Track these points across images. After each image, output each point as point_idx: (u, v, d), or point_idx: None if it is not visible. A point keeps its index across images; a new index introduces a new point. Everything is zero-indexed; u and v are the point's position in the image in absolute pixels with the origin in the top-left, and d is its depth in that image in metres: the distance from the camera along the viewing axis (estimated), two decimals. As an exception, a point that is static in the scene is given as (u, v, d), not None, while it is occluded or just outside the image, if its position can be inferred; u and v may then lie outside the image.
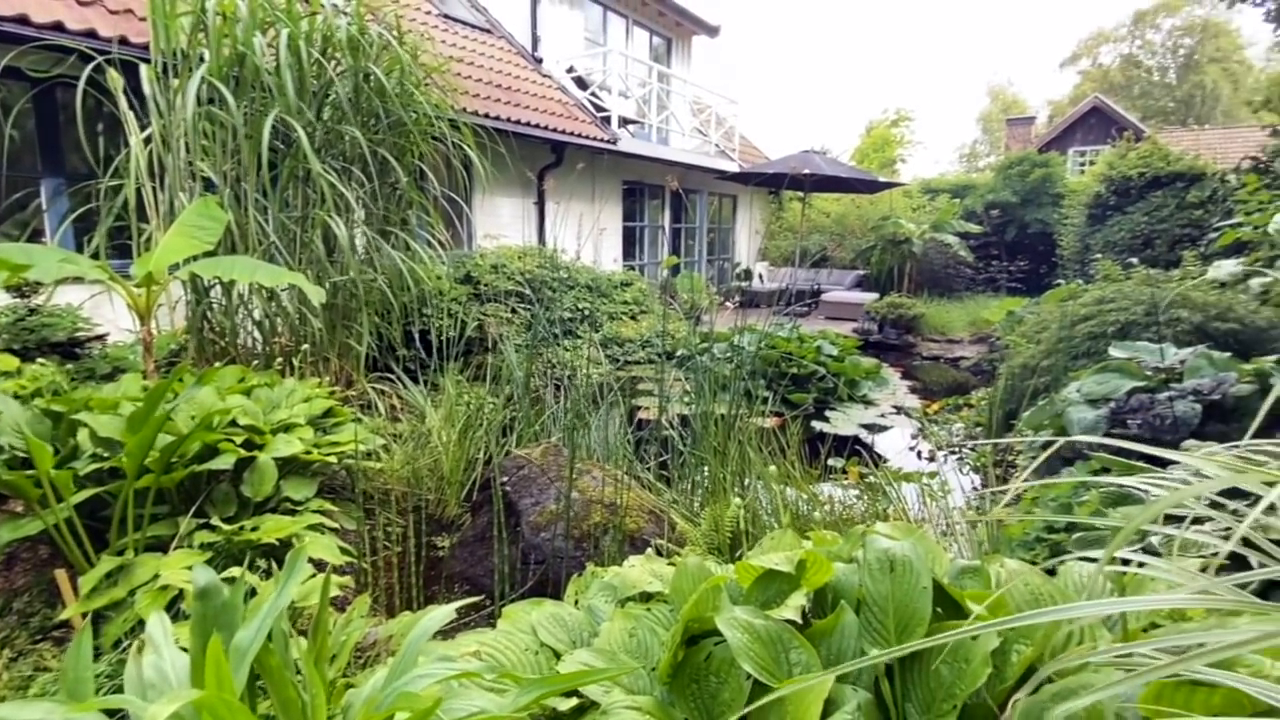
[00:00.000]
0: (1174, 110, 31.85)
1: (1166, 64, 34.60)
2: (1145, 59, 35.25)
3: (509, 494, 3.06)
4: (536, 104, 9.60)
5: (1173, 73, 34.13)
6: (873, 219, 13.33)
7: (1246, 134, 15.69)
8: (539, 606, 1.37)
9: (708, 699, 0.99)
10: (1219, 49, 32.46)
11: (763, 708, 0.91)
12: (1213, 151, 13.55)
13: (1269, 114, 8.17)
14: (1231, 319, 3.49)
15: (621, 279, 9.64)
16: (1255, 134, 11.68)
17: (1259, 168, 7.54)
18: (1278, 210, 3.79)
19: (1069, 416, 2.89)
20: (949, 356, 8.35)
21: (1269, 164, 6.82)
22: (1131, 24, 35.48)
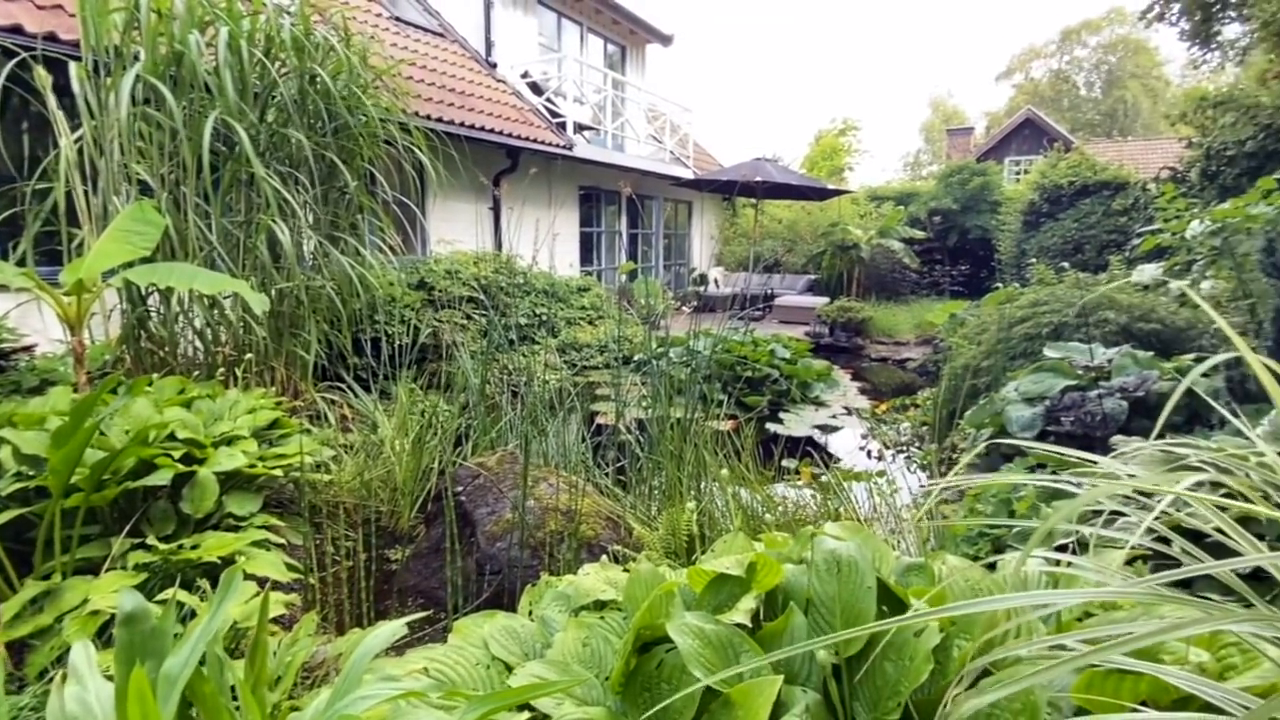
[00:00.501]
0: (1099, 123, 33.50)
1: (1092, 79, 36.40)
2: (1073, 74, 37.02)
3: (464, 504, 3.00)
4: (491, 109, 9.50)
5: (1098, 87, 35.92)
6: (822, 225, 13.61)
7: (1165, 145, 16.60)
8: (491, 619, 1.34)
9: (663, 707, 0.98)
10: (1139, 65, 34.31)
11: (713, 712, 0.90)
12: (1135, 162, 14.28)
13: (1185, 127, 8.66)
14: (1154, 320, 3.68)
15: (579, 284, 9.60)
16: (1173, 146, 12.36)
17: (1176, 177, 7.98)
18: (1194, 217, 4.02)
19: (1008, 415, 2.99)
20: (896, 358, 8.58)
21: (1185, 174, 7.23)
22: (1060, 41, 37.22)
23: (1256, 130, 6.56)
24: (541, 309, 8.39)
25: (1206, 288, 4.15)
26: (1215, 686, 0.72)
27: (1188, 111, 8.53)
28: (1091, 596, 0.73)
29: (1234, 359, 2.41)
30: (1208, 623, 0.65)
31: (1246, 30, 10.19)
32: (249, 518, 2.60)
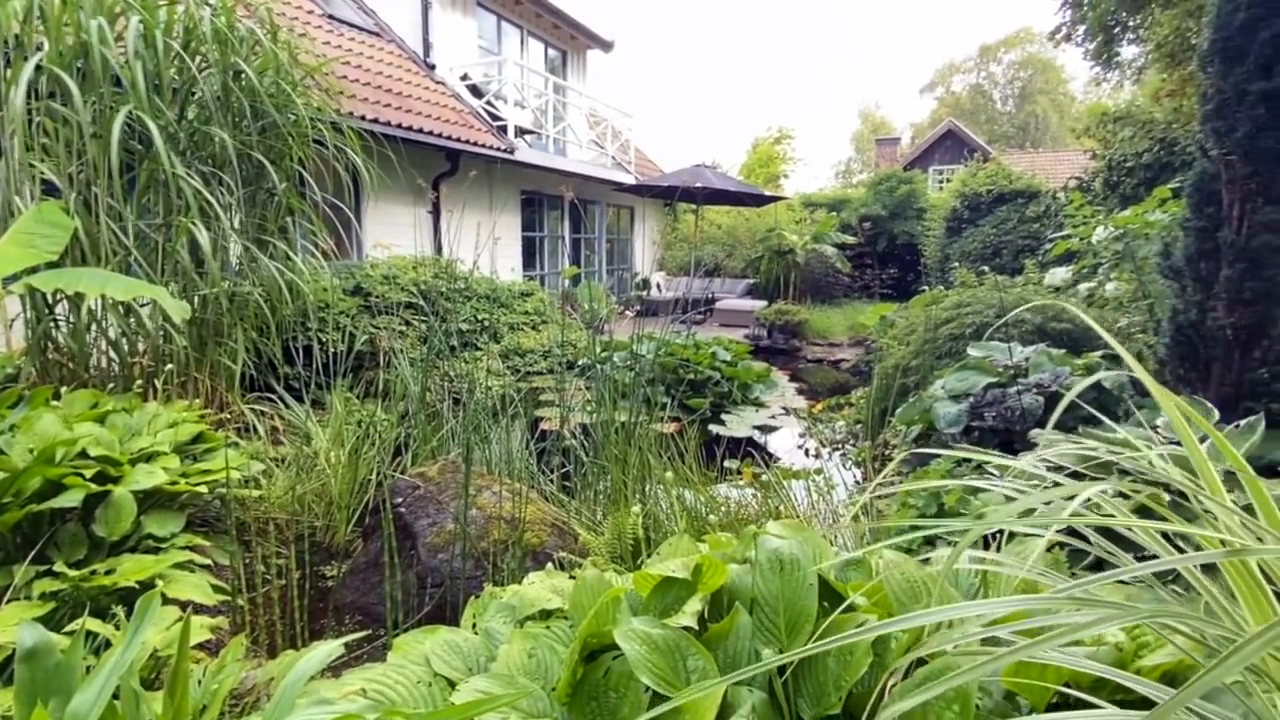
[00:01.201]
0: (1014, 135, 35.47)
1: (1007, 94, 38.52)
2: (990, 88, 39.08)
3: (403, 515, 2.91)
4: (429, 110, 9.29)
5: (1012, 102, 38.03)
6: (760, 231, 13.90)
7: (1072, 157, 17.69)
8: (432, 635, 1.30)
9: (607, 715, 0.97)
10: (1047, 82, 36.52)
11: (659, 718, 0.90)
12: (1045, 172, 15.16)
13: (1089, 140, 9.25)
14: (1065, 320, 3.90)
15: (522, 289, 9.47)
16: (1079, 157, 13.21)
17: (1082, 186, 8.51)
18: (1098, 224, 4.30)
19: (935, 412, 3.11)
20: (831, 359, 8.83)
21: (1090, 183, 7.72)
22: (978, 57, 39.23)
23: (1152, 143, 7.08)
24: (483, 314, 8.24)
25: (1111, 289, 4.44)
26: (1126, 676, 0.76)
27: (1091, 126, 9.13)
28: (1019, 605, 0.76)
29: (1135, 356, 2.58)
30: (1121, 618, 0.69)
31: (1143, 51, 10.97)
32: (171, 538, 2.45)
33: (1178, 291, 2.46)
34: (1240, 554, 0.74)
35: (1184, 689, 0.53)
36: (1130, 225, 3.51)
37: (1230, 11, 2.33)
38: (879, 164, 21.00)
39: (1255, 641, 0.55)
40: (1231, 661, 0.54)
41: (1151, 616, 0.73)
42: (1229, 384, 2.36)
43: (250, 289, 4.05)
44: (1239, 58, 2.31)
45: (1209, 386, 2.40)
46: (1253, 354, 2.34)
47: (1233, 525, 0.88)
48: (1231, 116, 2.31)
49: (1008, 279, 5.17)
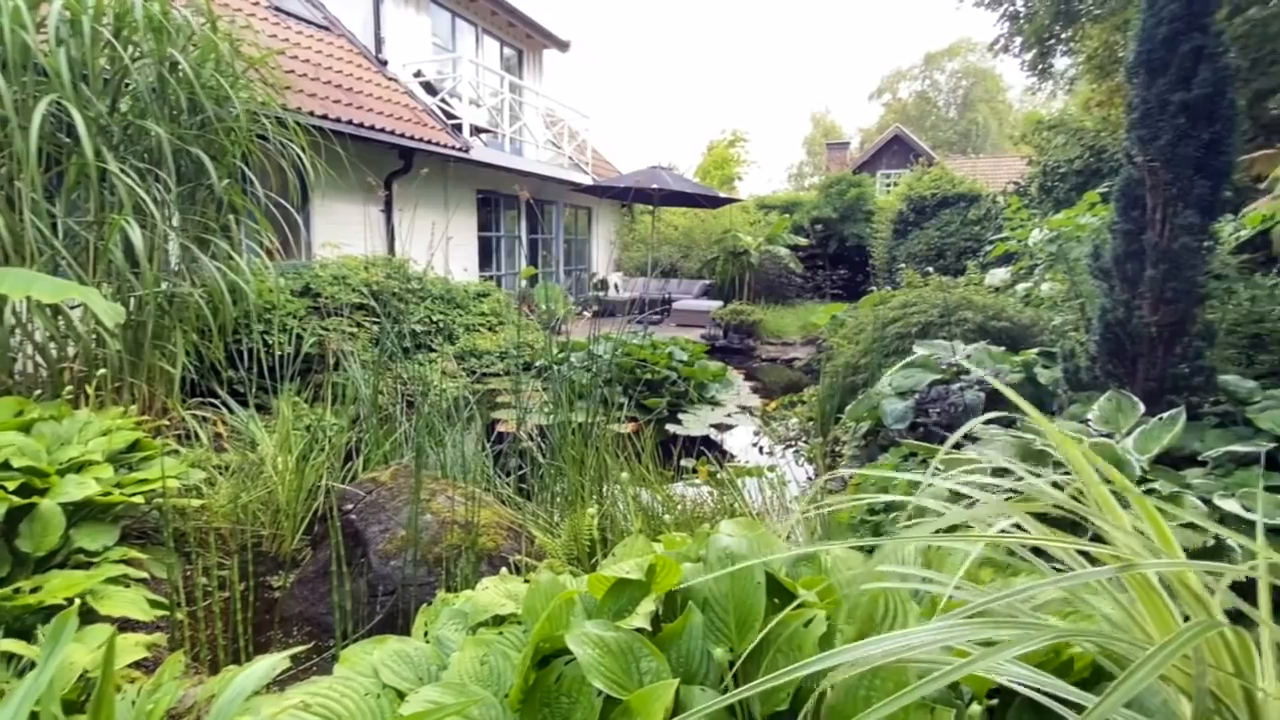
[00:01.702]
0: (956, 141, 36.67)
1: (950, 101, 39.80)
2: (934, 96, 40.32)
3: (354, 522, 2.82)
4: (382, 107, 9.07)
5: (954, 109, 39.33)
6: (716, 232, 14.02)
7: (1010, 162, 18.39)
8: (381, 645, 1.26)
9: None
10: (987, 90, 37.89)
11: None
12: (986, 177, 15.73)
13: (1025, 146, 9.63)
14: (1004, 319, 4.05)
15: (478, 290, 9.33)
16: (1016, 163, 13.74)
17: (1019, 191, 8.86)
18: (1034, 226, 4.48)
19: (883, 408, 3.19)
20: (784, 358, 8.96)
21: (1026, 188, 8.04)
22: (923, 65, 40.44)
23: (1083, 150, 7.41)
24: (439, 315, 8.08)
25: (1046, 289, 4.62)
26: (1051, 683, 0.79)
27: (1027, 133, 9.51)
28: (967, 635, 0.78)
29: (1068, 353, 2.69)
30: (1038, 639, 0.71)
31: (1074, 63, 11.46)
32: (103, 552, 2.32)
33: (1106, 291, 2.57)
34: (1132, 568, 0.77)
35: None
36: (1063, 228, 3.68)
37: (1153, 25, 2.45)
38: (830, 167, 21.45)
39: (1149, 663, 0.58)
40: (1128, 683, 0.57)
41: (1060, 636, 0.76)
42: (1153, 378, 2.48)
43: (190, 290, 3.87)
44: (1161, 69, 2.43)
45: (1136, 381, 2.52)
46: (1174, 350, 2.47)
47: (1130, 542, 0.92)
48: (1154, 125, 2.43)
49: (950, 279, 5.34)
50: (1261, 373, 3.25)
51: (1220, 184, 2.41)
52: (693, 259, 14.42)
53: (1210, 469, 2.14)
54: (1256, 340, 3.55)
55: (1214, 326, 2.53)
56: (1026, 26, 10.43)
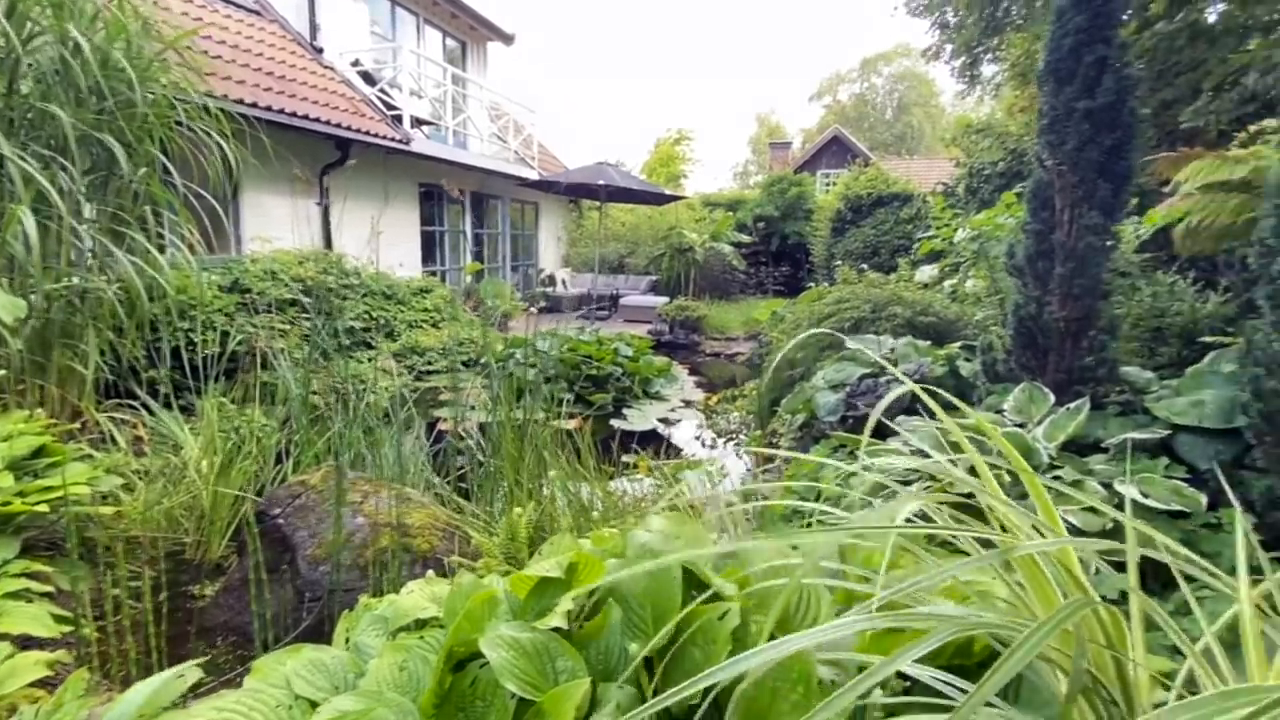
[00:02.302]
0: (892, 143, 37.84)
1: (886, 104, 41.02)
2: (872, 98, 41.48)
3: (282, 527, 2.71)
4: (317, 96, 8.72)
5: (891, 111, 40.56)
6: (662, 229, 14.07)
7: (942, 164, 19.08)
8: (295, 654, 1.21)
9: (476, 725, 0.93)
10: (921, 95, 39.22)
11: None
12: (919, 178, 16.27)
13: (954, 149, 10.02)
14: (931, 314, 4.20)
15: (421, 285, 9.10)
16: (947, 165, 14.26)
17: (947, 191, 9.20)
18: (959, 226, 4.67)
19: (816, 401, 3.26)
20: (728, 353, 9.08)
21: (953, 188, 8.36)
22: (861, 69, 41.53)
23: (1005, 153, 7.75)
24: (378, 312, 7.85)
25: (971, 286, 4.81)
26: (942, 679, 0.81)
27: (957, 136, 9.89)
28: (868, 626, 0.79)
29: (986, 346, 2.81)
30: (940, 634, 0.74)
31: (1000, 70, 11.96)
32: (3, 565, 2.16)
33: (1020, 288, 2.69)
34: (1010, 552, 0.81)
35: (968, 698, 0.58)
36: (984, 227, 3.85)
37: (1060, 37, 2.58)
38: (773, 166, 21.80)
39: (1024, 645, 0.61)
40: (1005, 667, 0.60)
41: (958, 630, 0.78)
42: (1063, 370, 2.62)
43: (104, 286, 3.64)
44: (1068, 78, 2.56)
45: (1047, 373, 2.65)
46: (1081, 343, 2.61)
47: (1023, 524, 0.96)
48: (1062, 131, 2.55)
49: (882, 276, 5.51)
50: (1162, 364, 3.47)
51: (1121, 187, 2.55)
52: (639, 255, 14.43)
53: (1111, 455, 2.27)
54: (1158, 334, 3.79)
55: (1117, 321, 2.68)
56: (956, 36, 10.82)
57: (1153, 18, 6.95)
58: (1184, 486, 1.95)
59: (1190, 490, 1.94)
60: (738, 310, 11.16)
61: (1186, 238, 3.94)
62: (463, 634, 0.99)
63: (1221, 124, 5.98)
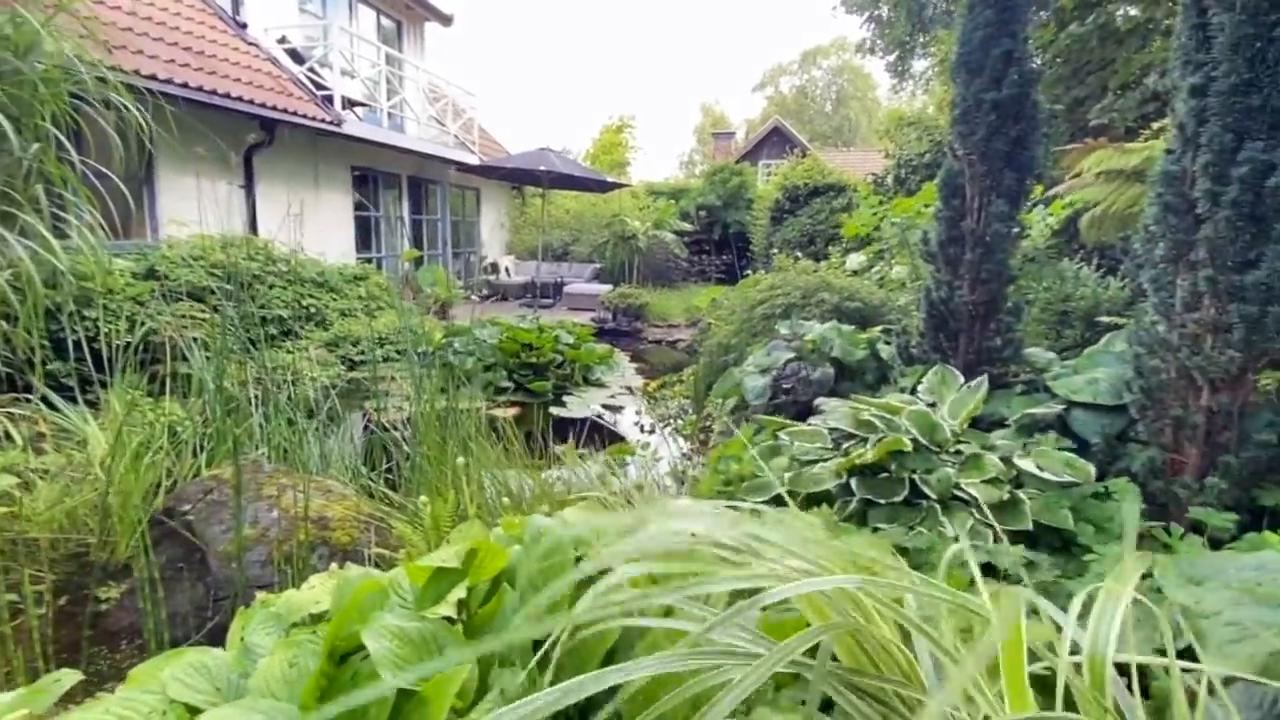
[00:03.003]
0: (831, 135, 38.61)
1: (825, 97, 41.79)
2: (812, 91, 42.16)
3: (192, 523, 2.57)
4: (240, 74, 8.25)
5: (830, 104, 41.35)
6: (605, 216, 13.98)
7: (877, 156, 19.57)
8: (178, 657, 1.14)
9: (357, 717, 0.90)
10: (858, 88, 40.10)
11: (405, 712, 0.85)
12: (855, 169, 16.66)
13: (887, 141, 10.28)
14: (858, 300, 4.30)
15: (355, 273, 8.78)
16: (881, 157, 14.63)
17: (877, 181, 9.45)
18: (886, 213, 4.79)
19: (745, 385, 3.30)
20: (669, 339, 9.13)
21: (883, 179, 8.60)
22: (801, 61, 42.12)
23: (932, 145, 8.01)
24: (309, 300, 7.54)
25: (897, 272, 4.96)
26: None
27: (890, 129, 10.15)
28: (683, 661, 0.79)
29: (902, 330, 2.90)
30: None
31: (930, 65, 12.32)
32: None
33: (933, 273, 2.78)
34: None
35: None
36: (905, 215, 3.96)
37: (971, 30, 2.65)
38: (716, 156, 21.93)
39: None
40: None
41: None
42: (972, 352, 2.72)
43: (-9, 271, 3.35)
44: (978, 71, 2.64)
45: (958, 354, 2.75)
46: (989, 326, 2.72)
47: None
48: (972, 121, 2.63)
49: (813, 263, 5.62)
50: (1067, 345, 3.65)
51: (1025, 176, 2.66)
52: (583, 243, 14.31)
53: (1014, 431, 2.38)
54: (1063, 317, 3.99)
55: (1021, 304, 2.80)
56: (888, 32, 11.07)
57: (1068, 19, 7.27)
58: (1075, 458, 2.06)
59: (1080, 462, 2.05)
60: (680, 298, 11.22)
61: (1091, 226, 4.15)
62: (347, 626, 0.95)
63: (1128, 121, 6.33)
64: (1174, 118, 2.07)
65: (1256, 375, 2.00)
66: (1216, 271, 1.94)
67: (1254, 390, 2.03)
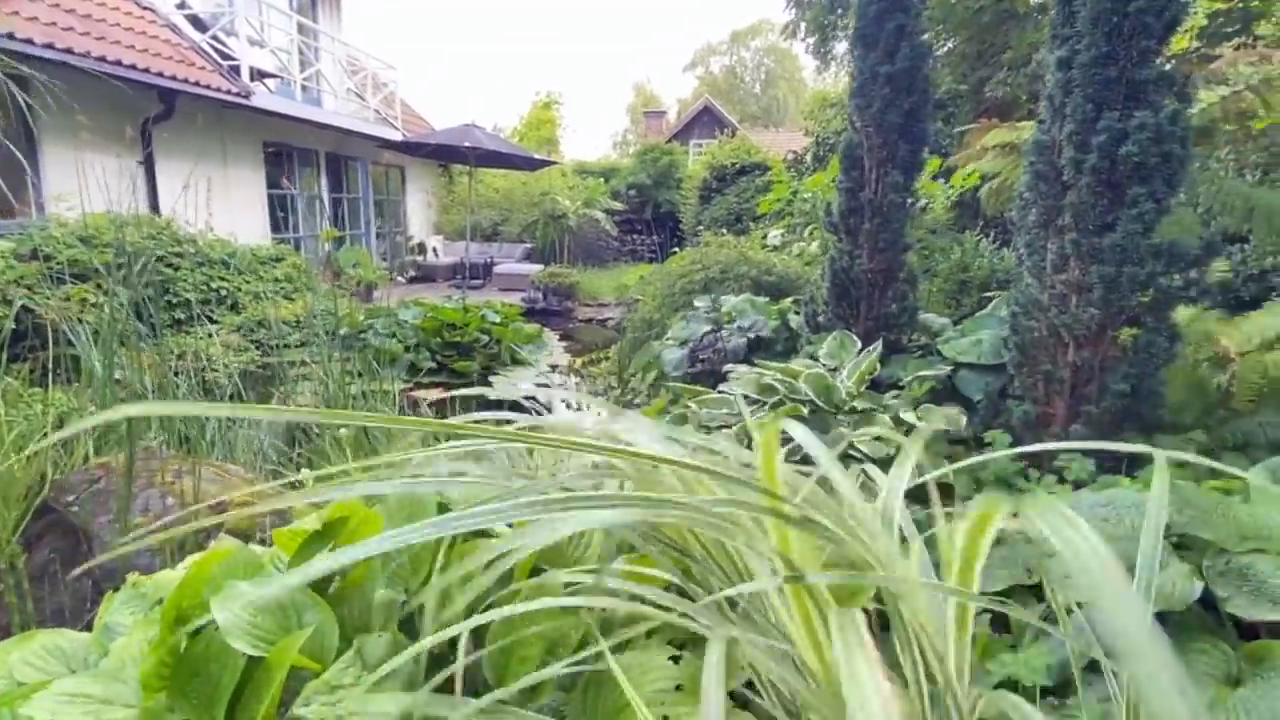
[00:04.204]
0: (760, 115, 39.03)
1: (755, 77, 42.17)
2: (741, 71, 42.45)
3: (77, 514, 2.40)
4: (134, 40, 7.61)
5: (759, 85, 41.77)
6: (535, 195, 13.73)
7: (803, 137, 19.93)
8: (28, 641, 1.06)
9: (210, 689, 0.86)
10: (786, 69, 40.63)
11: (254, 679, 0.82)
12: (782, 148, 16.89)
13: (809, 121, 10.49)
14: (775, 273, 4.40)
15: (270, 253, 8.33)
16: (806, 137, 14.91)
17: (797, 159, 9.64)
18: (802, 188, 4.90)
19: (663, 356, 3.33)
20: (599, 318, 9.11)
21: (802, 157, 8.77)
22: (730, 42, 42.27)
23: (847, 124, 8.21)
24: (218, 283, 7.11)
25: (815, 248, 5.09)
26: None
27: (814, 109, 10.34)
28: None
29: (808, 299, 2.98)
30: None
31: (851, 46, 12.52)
32: None
33: (835, 243, 2.87)
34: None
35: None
36: (816, 190, 4.06)
37: (866, 4, 2.71)
38: (648, 135, 21.84)
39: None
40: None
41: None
42: (872, 318, 2.83)
43: None
44: (873, 44, 2.71)
45: (859, 321, 2.85)
46: (887, 294, 2.82)
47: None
48: (868, 94, 2.71)
49: (735, 239, 5.70)
50: (966, 313, 3.85)
51: (919, 148, 2.76)
52: (513, 222, 14.02)
53: (908, 392, 2.50)
54: (963, 285, 4.20)
55: (916, 273, 2.92)
56: (808, 15, 11.19)
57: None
58: (954, 413, 2.18)
59: (961, 417, 2.17)
60: (610, 276, 11.18)
61: (991, 198, 4.37)
62: (188, 598, 0.90)
63: (1022, 98, 6.65)
64: (1044, 89, 2.19)
65: (1116, 332, 2.16)
66: (1080, 235, 2.07)
67: (1113, 345, 2.19)
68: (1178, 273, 2.02)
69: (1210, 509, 1.47)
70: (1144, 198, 1.95)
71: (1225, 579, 1.29)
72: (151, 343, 4.12)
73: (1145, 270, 1.99)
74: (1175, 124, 1.97)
